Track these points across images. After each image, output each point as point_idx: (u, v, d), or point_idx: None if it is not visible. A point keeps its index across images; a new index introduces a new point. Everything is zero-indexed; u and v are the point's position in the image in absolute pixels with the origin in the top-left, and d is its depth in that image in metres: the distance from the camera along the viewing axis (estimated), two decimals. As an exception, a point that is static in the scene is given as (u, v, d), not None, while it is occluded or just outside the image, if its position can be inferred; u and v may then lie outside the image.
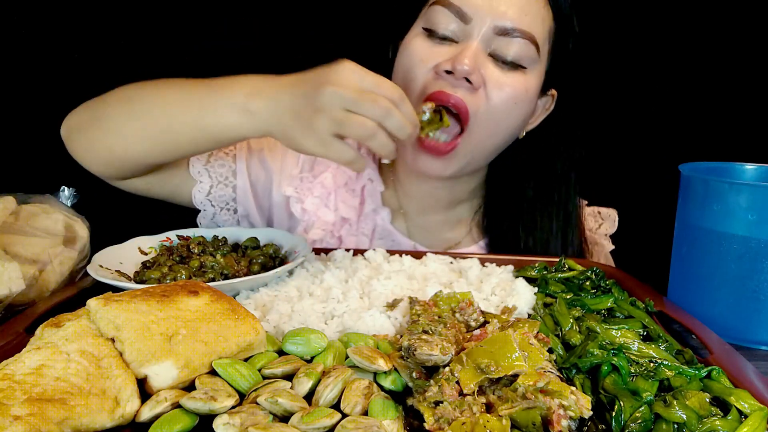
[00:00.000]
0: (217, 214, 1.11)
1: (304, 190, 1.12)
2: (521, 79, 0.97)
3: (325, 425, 0.49)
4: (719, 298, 0.80)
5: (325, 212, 1.12)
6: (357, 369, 0.58)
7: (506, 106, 0.97)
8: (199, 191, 1.09)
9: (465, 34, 0.95)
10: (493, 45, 0.95)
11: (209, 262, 0.83)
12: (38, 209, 0.93)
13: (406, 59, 1.00)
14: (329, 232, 1.11)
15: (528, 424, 0.49)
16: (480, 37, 0.94)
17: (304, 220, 1.12)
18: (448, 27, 0.96)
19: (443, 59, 0.95)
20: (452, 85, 0.94)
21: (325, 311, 0.72)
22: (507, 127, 1.01)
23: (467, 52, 0.93)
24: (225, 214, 1.12)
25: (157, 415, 0.50)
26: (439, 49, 0.97)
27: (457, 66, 0.92)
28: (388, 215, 1.14)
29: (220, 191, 1.10)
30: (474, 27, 0.94)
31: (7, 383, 0.48)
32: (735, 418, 0.53)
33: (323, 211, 1.12)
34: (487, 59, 0.96)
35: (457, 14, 0.95)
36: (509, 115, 0.99)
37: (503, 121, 0.99)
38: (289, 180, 1.12)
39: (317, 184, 1.12)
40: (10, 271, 0.77)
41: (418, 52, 0.98)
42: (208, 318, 0.59)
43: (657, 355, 0.62)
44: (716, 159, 0.91)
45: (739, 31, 1.55)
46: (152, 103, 0.90)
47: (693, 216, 0.83)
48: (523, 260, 0.94)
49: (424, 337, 0.58)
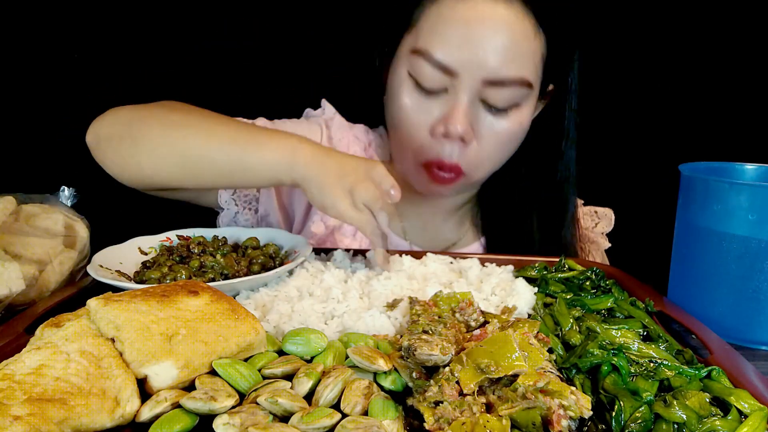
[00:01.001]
0: (239, 213, 1.12)
1: None
2: (516, 118, 0.97)
3: (324, 425, 0.49)
4: (719, 298, 0.80)
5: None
6: (357, 369, 0.58)
7: (502, 148, 1.00)
8: (225, 190, 1.10)
9: (453, 86, 0.94)
10: (483, 94, 0.94)
11: (209, 262, 0.83)
12: (38, 209, 0.92)
13: (398, 112, 1.00)
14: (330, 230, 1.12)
15: (528, 424, 0.49)
16: (468, 90, 0.93)
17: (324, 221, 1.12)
18: (434, 80, 0.94)
19: (436, 115, 0.96)
20: (447, 146, 0.97)
21: (325, 311, 0.72)
22: (504, 157, 1.04)
23: (458, 111, 0.93)
24: (246, 213, 1.12)
25: (157, 415, 0.50)
26: (429, 102, 0.96)
27: (451, 129, 0.93)
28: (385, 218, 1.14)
29: (245, 190, 1.11)
30: (462, 81, 0.92)
31: (7, 383, 0.48)
32: (735, 418, 0.53)
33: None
34: (478, 106, 0.95)
35: (441, 69, 0.92)
36: (506, 150, 1.02)
37: (500, 156, 1.02)
38: None
39: None
40: (10, 271, 0.77)
41: (410, 108, 0.98)
42: (208, 318, 0.59)
43: (657, 355, 0.62)
44: (716, 159, 0.91)
45: (738, 31, 1.55)
46: (195, 131, 0.89)
47: (693, 216, 0.83)
48: (523, 260, 0.94)
49: (424, 337, 0.58)
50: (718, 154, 0.94)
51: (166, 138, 0.89)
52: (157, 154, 0.90)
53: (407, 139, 1.00)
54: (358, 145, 1.18)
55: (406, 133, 1.00)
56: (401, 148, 1.04)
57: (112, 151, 0.93)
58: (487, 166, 1.02)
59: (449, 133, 0.94)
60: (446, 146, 0.97)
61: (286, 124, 1.16)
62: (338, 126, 1.18)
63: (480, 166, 1.01)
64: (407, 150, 1.02)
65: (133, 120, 0.92)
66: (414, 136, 0.99)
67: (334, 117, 1.19)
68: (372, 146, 1.21)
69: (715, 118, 1.59)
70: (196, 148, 0.87)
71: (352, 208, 0.81)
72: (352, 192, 0.81)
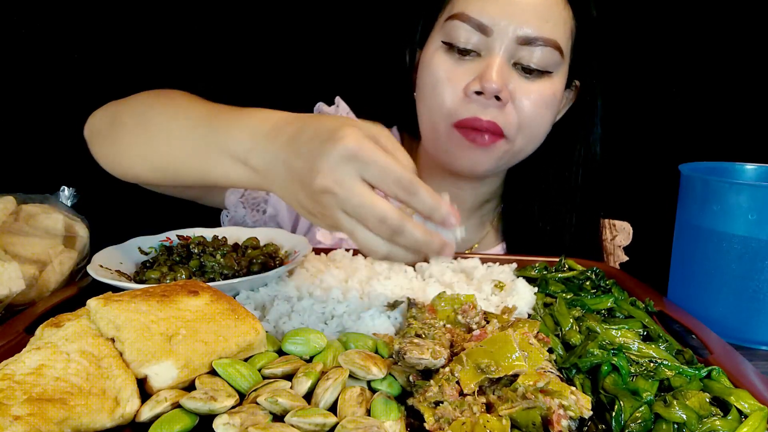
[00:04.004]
0: (247, 215, 1.10)
1: None
2: (548, 85, 0.97)
3: (317, 422, 0.49)
4: (719, 298, 0.80)
5: None
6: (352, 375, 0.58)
7: (538, 112, 0.98)
8: (233, 193, 1.09)
9: (487, 47, 0.94)
10: (517, 55, 0.94)
11: (209, 262, 0.83)
12: (38, 209, 0.92)
13: (430, 78, 0.98)
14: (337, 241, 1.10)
15: (528, 424, 0.49)
16: (503, 49, 0.93)
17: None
18: (469, 41, 0.94)
19: (469, 77, 0.95)
20: (482, 105, 0.94)
21: (325, 311, 0.72)
22: (541, 130, 1.02)
23: (493, 68, 0.92)
24: (255, 215, 1.11)
25: (157, 415, 0.50)
26: (463, 65, 0.96)
27: (486, 85, 0.92)
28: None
29: (254, 192, 1.10)
30: (495, 39, 0.93)
31: (7, 383, 0.48)
32: (735, 418, 0.53)
33: None
34: (512, 70, 0.95)
35: (477, 28, 0.93)
36: (542, 120, 1.00)
37: (537, 126, 1.00)
38: None
39: None
40: (10, 271, 0.77)
41: (442, 71, 0.97)
42: (208, 318, 0.59)
43: (657, 355, 0.62)
44: (716, 159, 0.91)
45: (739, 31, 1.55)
46: (157, 131, 0.82)
47: (693, 216, 0.83)
48: (523, 260, 0.94)
49: (415, 341, 0.58)
50: (718, 154, 0.94)
51: (136, 138, 0.85)
52: (132, 154, 0.86)
53: (440, 103, 0.97)
54: None
55: (439, 96, 0.97)
56: (433, 115, 1.00)
57: (98, 147, 0.93)
58: (525, 132, 0.99)
59: (484, 90, 0.92)
60: (481, 104, 0.94)
61: None
62: None
63: (519, 131, 0.98)
64: (440, 115, 0.98)
65: (114, 116, 0.91)
66: (447, 98, 0.97)
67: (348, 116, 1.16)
68: None
69: (715, 118, 1.59)
70: (163, 151, 0.81)
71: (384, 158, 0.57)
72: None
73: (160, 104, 0.86)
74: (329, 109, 1.19)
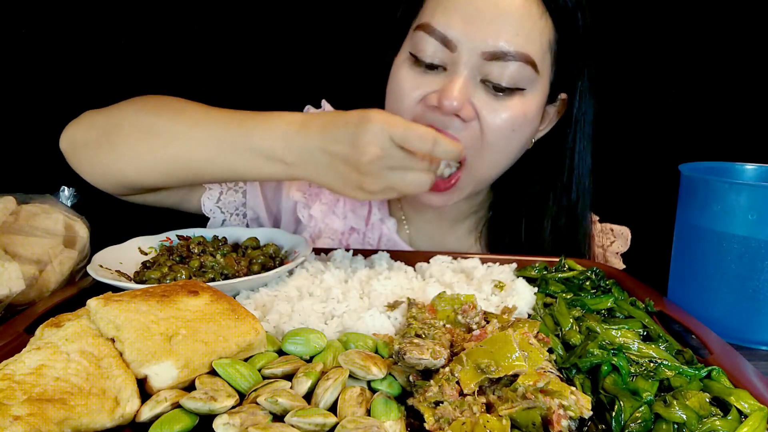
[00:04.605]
0: (227, 221, 1.10)
1: (312, 195, 1.09)
2: (518, 104, 0.90)
3: (317, 422, 0.49)
4: (719, 298, 0.80)
5: (333, 219, 1.08)
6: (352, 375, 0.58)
7: (504, 134, 0.91)
8: (208, 198, 1.08)
9: (452, 62, 0.88)
10: (484, 71, 0.87)
11: (209, 262, 0.83)
12: (38, 209, 0.92)
13: (394, 87, 0.94)
14: (338, 240, 1.09)
15: (528, 424, 0.49)
16: (468, 65, 0.87)
17: (311, 226, 1.09)
18: (435, 55, 0.89)
19: (431, 90, 0.90)
20: (442, 120, 0.89)
21: (325, 311, 0.72)
22: (508, 152, 0.96)
23: (454, 85, 0.86)
24: (235, 219, 1.10)
25: (157, 415, 0.50)
26: (426, 78, 0.91)
27: (444, 102, 0.86)
28: (394, 225, 1.12)
29: (230, 197, 1.09)
30: (461, 54, 0.87)
31: (7, 383, 0.48)
32: (735, 418, 0.53)
33: (331, 218, 1.08)
34: (478, 87, 0.89)
35: (441, 41, 0.87)
36: (509, 142, 0.93)
37: (503, 148, 0.94)
38: (299, 184, 1.10)
39: (325, 190, 1.08)
40: (10, 271, 0.77)
41: (404, 81, 0.92)
42: (208, 318, 0.59)
43: (657, 355, 0.62)
44: (716, 159, 0.91)
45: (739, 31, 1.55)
46: (174, 137, 0.87)
47: (693, 216, 0.83)
48: (523, 260, 0.94)
49: (415, 341, 0.58)
50: (718, 154, 0.94)
51: (147, 145, 0.88)
52: (142, 161, 0.89)
53: (399, 111, 0.92)
54: None
55: (397, 106, 0.93)
56: None
57: (90, 158, 0.93)
58: (488, 157, 0.93)
59: (442, 106, 0.87)
60: (442, 122, 0.89)
61: None
62: None
63: (481, 153, 0.92)
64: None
65: (108, 126, 0.91)
66: (404, 107, 0.92)
67: None
68: None
69: (715, 118, 1.59)
70: (182, 156, 0.86)
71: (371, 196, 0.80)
72: (362, 188, 0.79)
73: (169, 111, 0.90)
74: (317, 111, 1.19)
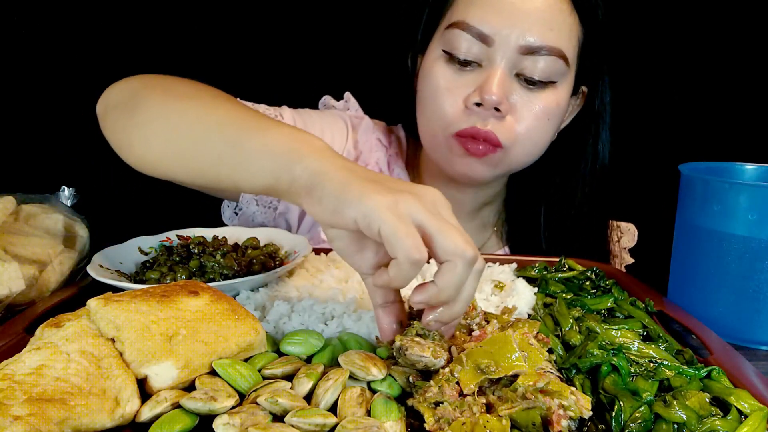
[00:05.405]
0: (258, 212, 1.08)
1: None
2: (551, 95, 0.95)
3: (317, 422, 0.49)
4: (719, 298, 0.80)
5: None
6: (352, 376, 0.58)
7: (538, 125, 0.96)
8: None
9: (488, 57, 0.92)
10: (519, 65, 0.92)
11: (209, 262, 0.83)
12: (38, 209, 0.92)
13: (430, 88, 0.97)
14: None
15: (528, 424, 0.49)
16: (504, 59, 0.91)
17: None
18: (470, 51, 0.92)
19: (469, 89, 0.93)
20: (481, 117, 0.93)
21: (325, 311, 0.72)
22: (540, 143, 1.00)
23: (493, 80, 0.90)
24: (266, 211, 1.09)
25: (157, 415, 0.50)
26: (464, 76, 0.94)
27: (486, 97, 0.90)
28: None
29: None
30: (497, 49, 0.91)
31: (7, 383, 0.48)
32: (735, 418, 0.53)
33: None
34: (513, 81, 0.93)
35: (477, 37, 0.90)
36: (542, 133, 0.98)
37: (536, 139, 0.98)
38: None
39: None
40: (10, 271, 0.77)
41: (442, 81, 0.95)
42: (208, 318, 0.59)
43: (657, 355, 0.62)
44: (716, 159, 0.91)
45: (739, 31, 1.55)
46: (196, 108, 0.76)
47: (693, 216, 0.83)
48: (523, 260, 0.94)
49: (417, 339, 0.58)
50: (718, 154, 0.94)
51: (163, 108, 0.78)
52: (151, 128, 0.78)
53: (440, 114, 0.96)
54: (380, 150, 1.13)
55: (439, 107, 0.96)
56: (432, 124, 0.99)
57: (113, 122, 0.85)
58: (524, 144, 0.97)
59: (484, 102, 0.91)
60: (480, 116, 0.93)
61: (311, 115, 1.12)
62: (365, 128, 1.13)
63: (517, 142, 0.96)
64: (439, 125, 0.97)
65: (140, 88, 0.84)
66: (446, 109, 0.95)
67: (363, 119, 1.15)
68: (392, 147, 1.17)
69: (715, 118, 1.59)
70: (193, 122, 0.74)
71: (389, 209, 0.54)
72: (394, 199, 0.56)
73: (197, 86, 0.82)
74: (338, 103, 1.17)
